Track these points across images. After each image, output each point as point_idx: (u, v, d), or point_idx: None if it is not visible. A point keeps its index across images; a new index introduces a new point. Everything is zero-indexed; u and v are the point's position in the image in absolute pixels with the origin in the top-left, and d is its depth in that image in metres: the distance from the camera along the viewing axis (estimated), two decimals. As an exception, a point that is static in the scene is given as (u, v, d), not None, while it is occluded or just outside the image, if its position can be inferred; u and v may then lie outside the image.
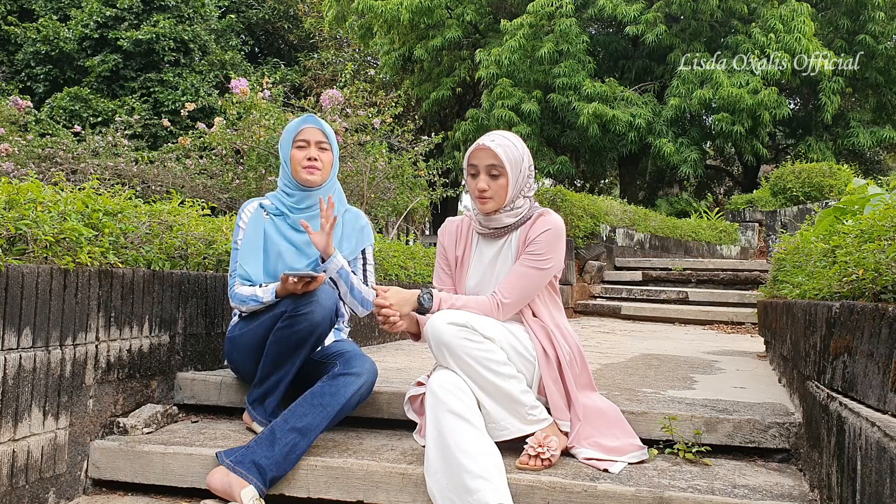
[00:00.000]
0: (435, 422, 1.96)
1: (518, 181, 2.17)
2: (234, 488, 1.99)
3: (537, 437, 1.99)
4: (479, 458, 1.86)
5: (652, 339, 5.35)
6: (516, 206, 2.20)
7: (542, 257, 2.15)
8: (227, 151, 5.96)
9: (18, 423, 1.94)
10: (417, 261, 5.20)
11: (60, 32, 15.97)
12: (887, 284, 1.58)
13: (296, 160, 2.47)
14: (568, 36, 13.30)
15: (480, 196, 2.16)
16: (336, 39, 19.92)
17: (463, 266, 2.29)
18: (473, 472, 1.82)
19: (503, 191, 2.15)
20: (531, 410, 2.05)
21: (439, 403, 1.97)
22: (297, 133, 2.48)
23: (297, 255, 2.45)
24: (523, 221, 2.22)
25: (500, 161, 2.12)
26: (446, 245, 2.33)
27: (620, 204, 9.80)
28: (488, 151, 2.13)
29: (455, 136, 15.03)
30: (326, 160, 2.49)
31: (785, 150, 17.85)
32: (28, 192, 2.14)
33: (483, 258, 2.26)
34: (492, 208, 2.17)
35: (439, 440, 1.92)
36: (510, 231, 2.23)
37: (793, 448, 2.13)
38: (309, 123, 2.50)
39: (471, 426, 1.93)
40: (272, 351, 2.26)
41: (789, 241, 3.61)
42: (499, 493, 1.80)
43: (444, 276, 2.35)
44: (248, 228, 2.45)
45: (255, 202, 2.53)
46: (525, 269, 2.15)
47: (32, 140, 6.45)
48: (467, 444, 1.88)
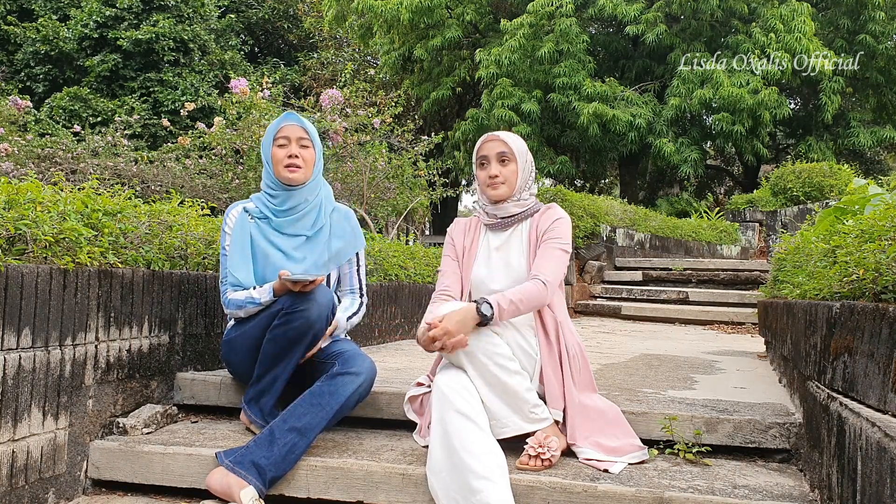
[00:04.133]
0: (441, 420, 1.98)
1: (524, 171, 2.30)
2: (233, 489, 1.99)
3: (537, 437, 1.99)
4: (483, 458, 1.87)
5: (652, 339, 5.35)
6: (522, 197, 2.31)
7: (563, 240, 2.25)
8: (226, 151, 5.96)
9: (18, 423, 1.94)
10: (417, 261, 5.20)
11: (60, 32, 15.97)
12: (888, 284, 1.58)
13: (277, 159, 2.42)
14: (568, 36, 13.29)
15: (492, 182, 2.26)
16: (336, 39, 19.91)
17: (470, 255, 2.35)
18: (477, 472, 1.83)
19: (514, 176, 2.27)
20: (533, 409, 2.05)
21: (446, 403, 1.98)
22: (278, 131, 2.44)
23: (284, 259, 2.41)
24: (530, 214, 2.32)
25: (510, 148, 2.27)
26: (455, 237, 2.40)
27: (621, 204, 9.79)
28: (498, 141, 2.28)
29: (455, 136, 15.02)
30: (308, 157, 2.45)
31: (785, 150, 17.85)
32: (28, 192, 2.14)
33: (490, 246, 2.33)
34: (504, 193, 2.27)
35: (445, 439, 1.94)
36: (516, 222, 2.32)
37: (793, 448, 2.13)
38: (289, 121, 2.46)
39: (476, 426, 1.95)
40: (268, 348, 2.25)
41: (790, 241, 3.61)
42: (501, 495, 1.81)
43: (451, 266, 2.37)
44: (234, 234, 2.42)
45: (239, 206, 2.49)
46: (553, 251, 2.22)
47: (32, 140, 6.45)
48: (473, 444, 1.90)
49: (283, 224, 2.45)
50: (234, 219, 2.45)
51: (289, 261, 2.41)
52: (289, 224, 2.45)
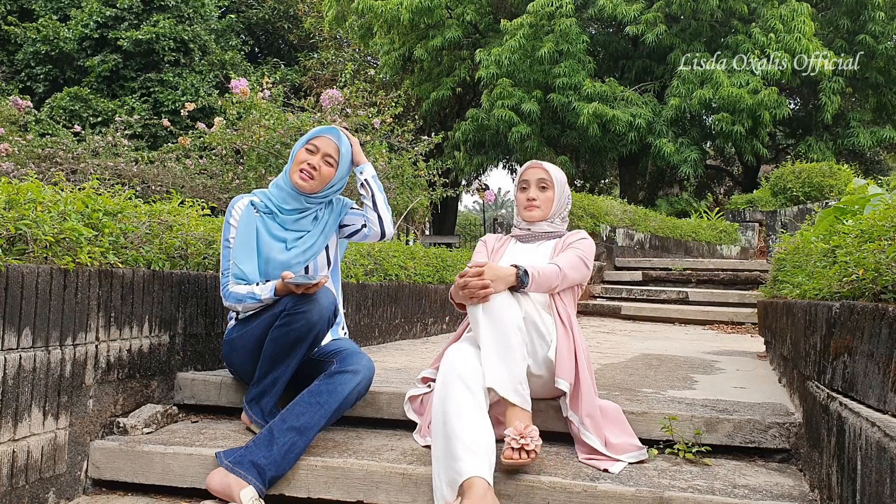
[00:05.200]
0: (443, 385, 2.02)
1: (561, 199, 2.51)
2: (233, 489, 1.99)
3: (517, 428, 1.93)
4: (473, 430, 1.89)
5: (652, 339, 5.35)
6: (555, 222, 2.53)
7: (585, 254, 2.41)
8: (226, 151, 5.95)
9: (18, 423, 1.94)
10: (417, 261, 5.20)
11: (60, 32, 15.98)
12: (887, 284, 1.58)
13: (297, 160, 2.47)
14: (568, 36, 13.29)
15: (529, 204, 2.48)
16: (336, 39, 19.91)
17: (497, 255, 2.53)
18: (464, 441, 1.86)
19: (549, 203, 2.49)
20: (521, 383, 2.04)
21: (452, 369, 2.03)
22: (314, 137, 2.50)
23: (285, 251, 2.44)
24: (559, 235, 2.53)
25: (550, 176, 2.48)
26: (487, 241, 2.62)
27: (620, 204, 9.80)
28: (540, 169, 2.50)
29: (455, 136, 15.03)
30: (325, 174, 2.47)
31: (785, 150, 17.85)
32: (28, 192, 2.14)
33: (515, 250, 2.52)
34: (538, 216, 2.48)
35: (443, 404, 1.97)
36: (545, 239, 2.52)
37: (793, 448, 2.13)
38: (328, 134, 2.51)
39: (474, 399, 1.97)
40: (269, 349, 2.25)
41: (789, 241, 3.61)
42: (479, 469, 1.81)
43: (482, 257, 2.54)
44: (240, 226, 2.42)
45: (245, 199, 2.49)
46: (573, 255, 2.37)
47: (32, 140, 6.44)
48: (467, 415, 1.92)
49: (287, 221, 2.49)
50: (240, 211, 2.46)
51: (287, 251, 2.45)
52: (292, 222, 2.50)
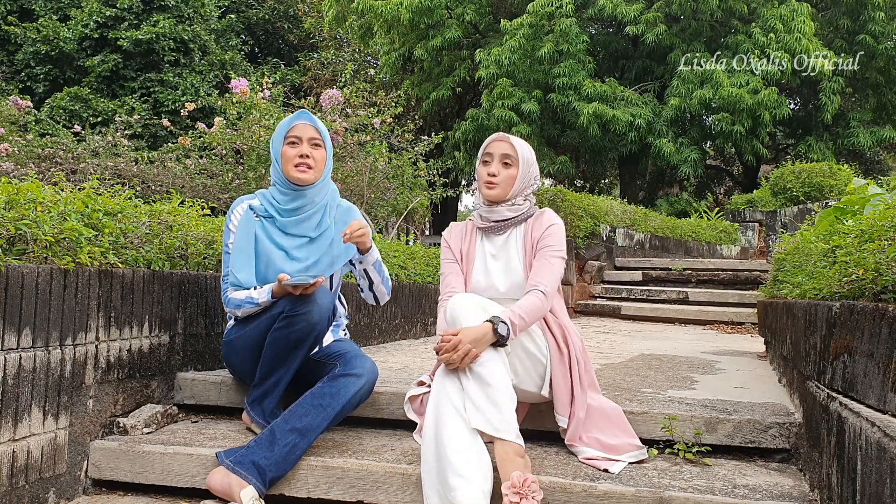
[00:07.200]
0: (436, 409, 1.97)
1: (524, 178, 2.31)
2: (233, 488, 1.99)
3: (514, 481, 1.81)
4: (463, 453, 1.85)
5: (652, 339, 5.35)
6: (517, 202, 2.32)
7: (557, 247, 2.27)
8: (226, 151, 5.96)
9: (18, 423, 1.94)
10: (417, 261, 5.20)
11: (60, 32, 15.97)
12: (887, 284, 1.58)
13: (287, 157, 2.39)
14: (568, 36, 13.29)
15: (489, 181, 2.28)
16: (336, 39, 19.91)
17: (469, 261, 2.36)
18: (456, 468, 1.82)
19: (510, 180, 2.28)
20: (510, 420, 1.94)
21: (444, 394, 1.98)
22: (289, 129, 2.42)
23: (287, 260, 2.38)
24: (524, 219, 2.34)
25: (515, 153, 2.29)
26: (451, 241, 2.40)
27: (620, 204, 9.79)
28: (506, 143, 2.31)
29: (455, 136, 15.02)
30: (319, 158, 2.42)
31: (785, 150, 17.85)
32: (28, 192, 2.14)
33: (486, 253, 2.35)
34: (496, 195, 2.28)
35: (435, 429, 1.93)
36: (510, 226, 2.34)
37: (793, 448, 2.13)
38: (301, 119, 2.43)
39: (465, 423, 1.92)
40: (269, 352, 2.24)
41: (789, 241, 3.61)
42: (473, 495, 1.78)
43: (453, 268, 2.35)
44: (238, 232, 2.38)
45: (245, 203, 2.45)
46: (549, 260, 2.24)
47: (32, 140, 6.44)
48: (458, 439, 1.88)
49: (287, 224, 2.42)
50: (239, 216, 2.42)
51: (290, 261, 2.39)
52: (293, 224, 2.42)
